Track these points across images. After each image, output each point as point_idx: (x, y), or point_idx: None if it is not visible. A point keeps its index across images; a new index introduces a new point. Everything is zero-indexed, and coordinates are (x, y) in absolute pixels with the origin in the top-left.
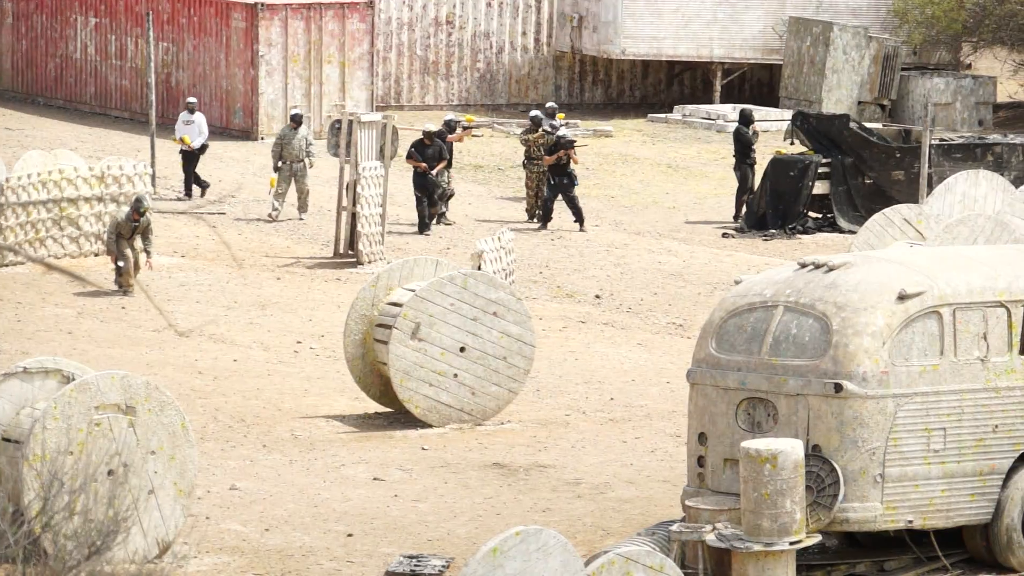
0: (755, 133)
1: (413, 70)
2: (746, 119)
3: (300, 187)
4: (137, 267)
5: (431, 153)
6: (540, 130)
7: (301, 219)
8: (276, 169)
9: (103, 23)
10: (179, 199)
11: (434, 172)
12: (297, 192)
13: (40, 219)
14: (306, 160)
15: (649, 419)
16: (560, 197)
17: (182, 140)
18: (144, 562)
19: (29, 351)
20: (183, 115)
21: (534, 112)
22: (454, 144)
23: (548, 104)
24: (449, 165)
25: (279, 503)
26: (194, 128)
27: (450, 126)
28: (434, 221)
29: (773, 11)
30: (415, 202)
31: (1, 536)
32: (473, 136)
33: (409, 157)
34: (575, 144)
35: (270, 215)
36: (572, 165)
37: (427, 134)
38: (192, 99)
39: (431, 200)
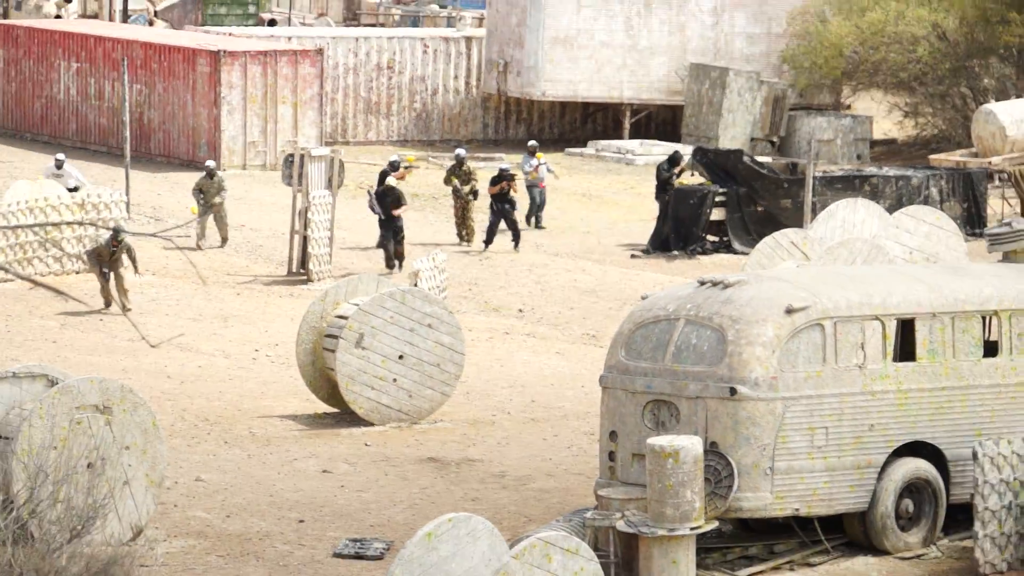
0: (678, 173)
1: (358, 109)
2: (672, 160)
3: (221, 222)
4: (122, 287)
5: (391, 200)
6: (463, 167)
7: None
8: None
9: (84, 67)
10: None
11: (396, 213)
12: (221, 228)
13: (27, 241)
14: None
15: (566, 419)
16: (503, 221)
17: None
18: (119, 545)
19: (18, 358)
20: (51, 168)
21: (458, 151)
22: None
23: (530, 143)
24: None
25: (239, 493)
26: (65, 179)
27: (394, 166)
28: (396, 264)
29: (676, 57)
30: (379, 239)
31: None
32: (412, 172)
33: (372, 206)
34: (515, 177)
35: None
36: (512, 193)
37: (386, 186)
38: (60, 156)
39: (397, 240)
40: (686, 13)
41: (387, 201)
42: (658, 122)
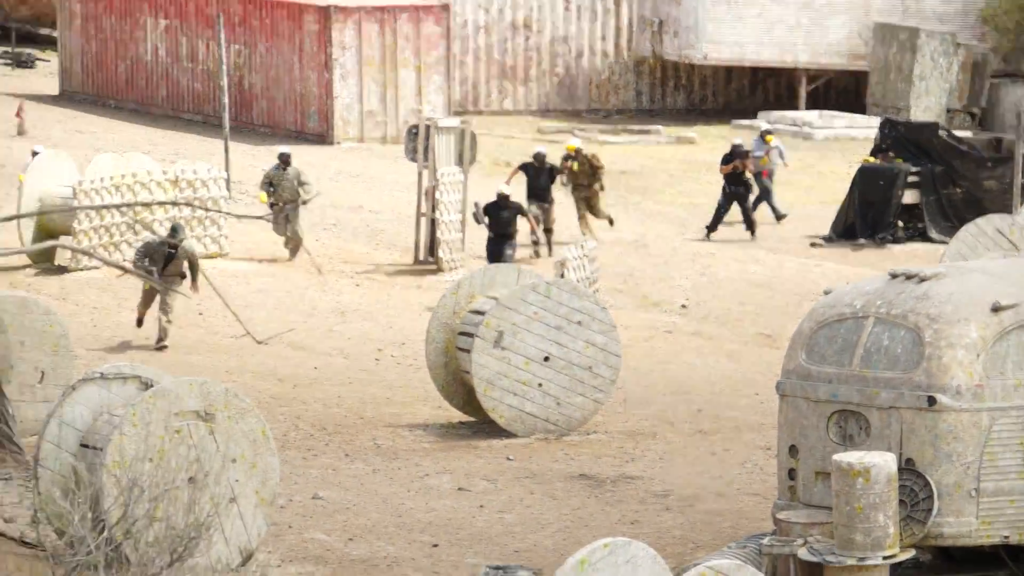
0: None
1: (491, 74)
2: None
3: (292, 230)
4: (167, 306)
5: (506, 216)
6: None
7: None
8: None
9: (174, 25)
10: None
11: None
12: (286, 237)
13: (114, 223)
14: (300, 198)
15: (738, 431)
16: (736, 205)
17: None
18: (227, 570)
19: (106, 357)
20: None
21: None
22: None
23: (764, 126)
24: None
25: (363, 512)
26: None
27: (551, 168)
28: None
29: (858, 17)
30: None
31: (82, 542)
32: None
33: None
34: (749, 154)
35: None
36: (747, 174)
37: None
38: (38, 147)
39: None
40: None
41: (502, 217)
42: (839, 90)
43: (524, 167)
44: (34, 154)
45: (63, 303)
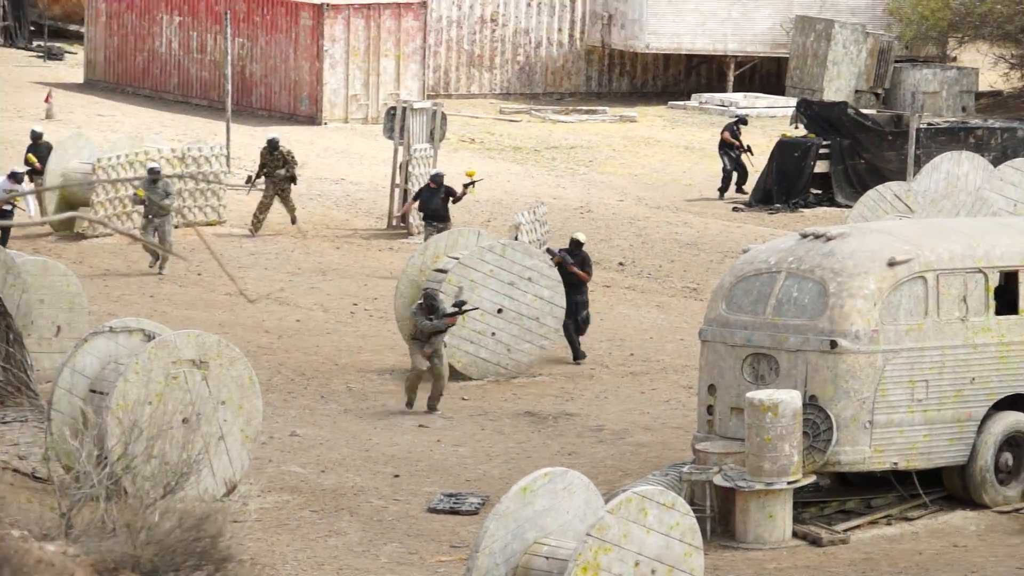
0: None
1: (460, 63)
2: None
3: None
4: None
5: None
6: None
7: (160, 273)
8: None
9: (186, 21)
10: None
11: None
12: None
13: (127, 195)
14: (167, 206)
15: (664, 372)
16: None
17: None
18: (213, 500)
19: (115, 312)
20: (4, 183)
21: (271, 137)
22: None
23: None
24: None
25: (334, 448)
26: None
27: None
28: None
29: (781, 10)
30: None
31: (86, 476)
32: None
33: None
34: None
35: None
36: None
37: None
38: (18, 169)
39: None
40: None
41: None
42: (762, 74)
43: (420, 191)
44: (33, 133)
45: (79, 266)
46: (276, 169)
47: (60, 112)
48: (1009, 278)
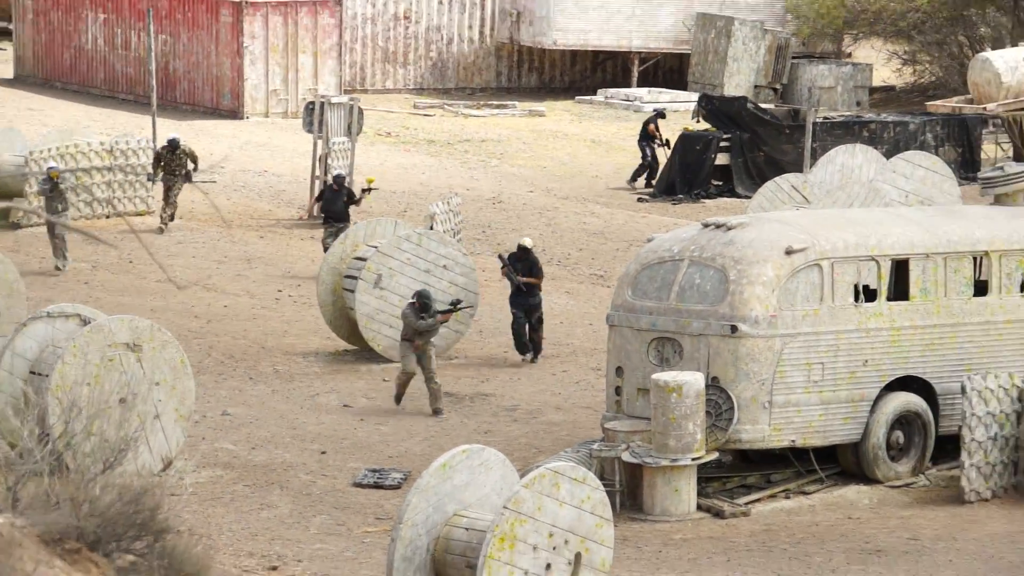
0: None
1: (376, 58)
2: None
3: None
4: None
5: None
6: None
7: (58, 269)
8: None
9: (111, 18)
10: None
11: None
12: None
13: (59, 188)
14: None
15: (575, 355)
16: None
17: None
18: (150, 475)
19: (51, 298)
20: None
21: (171, 136)
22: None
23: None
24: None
25: (263, 426)
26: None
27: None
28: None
29: (683, 7)
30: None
31: (30, 453)
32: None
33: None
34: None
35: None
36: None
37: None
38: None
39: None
40: None
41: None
42: (665, 70)
43: (322, 192)
44: None
45: (16, 254)
46: (178, 167)
47: None
48: (900, 266)
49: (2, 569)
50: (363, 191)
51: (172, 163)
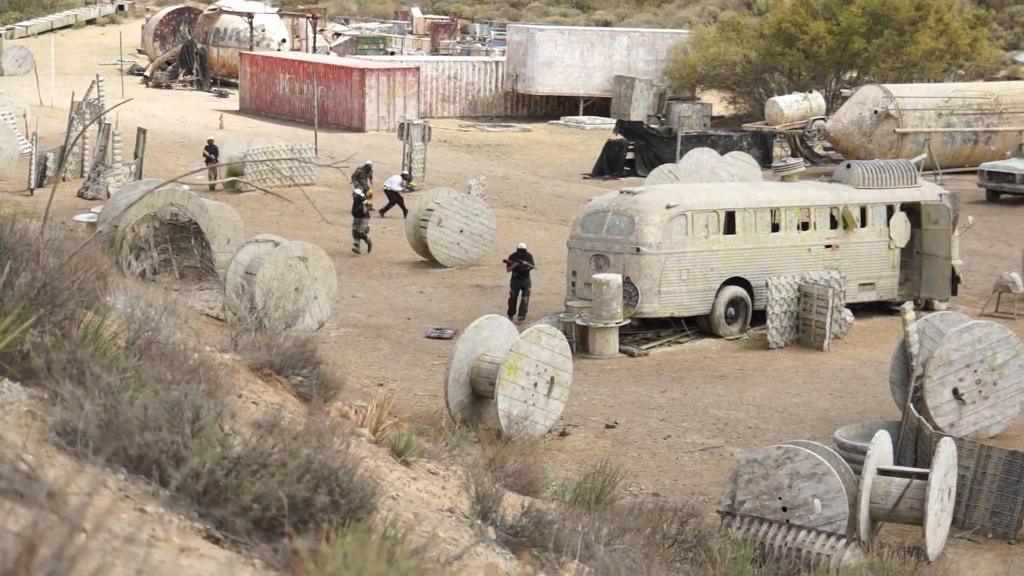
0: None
1: (436, 99)
2: (367, 169)
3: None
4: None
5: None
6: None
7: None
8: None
9: (293, 76)
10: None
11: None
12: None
13: (262, 170)
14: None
15: (549, 264)
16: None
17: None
18: (311, 331)
19: (257, 231)
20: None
21: (367, 162)
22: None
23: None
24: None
25: (375, 303)
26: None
27: (406, 178)
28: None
29: (608, 71)
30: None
31: (244, 319)
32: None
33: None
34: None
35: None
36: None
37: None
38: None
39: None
40: (613, 49)
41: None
42: (598, 106)
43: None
44: (208, 141)
45: (238, 207)
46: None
47: (227, 125)
48: (730, 215)
49: (227, 384)
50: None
51: (364, 178)
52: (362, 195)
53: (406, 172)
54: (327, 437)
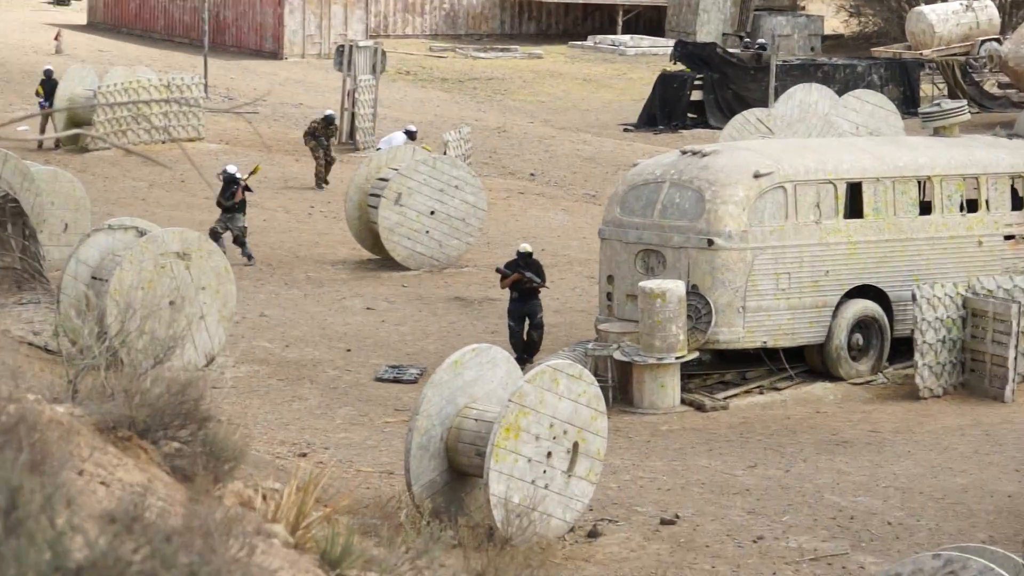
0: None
1: (397, 9)
2: (327, 120)
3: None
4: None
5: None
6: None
7: None
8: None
9: None
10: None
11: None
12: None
13: (122, 116)
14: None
15: (571, 265)
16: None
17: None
18: (195, 370)
19: (113, 212)
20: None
21: (328, 112)
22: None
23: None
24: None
25: (296, 326)
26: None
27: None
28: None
29: None
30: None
31: (89, 350)
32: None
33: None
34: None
35: None
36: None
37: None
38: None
39: (534, 324)
40: None
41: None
42: (646, 20)
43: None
44: (46, 73)
45: (83, 174)
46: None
47: (67, 48)
48: (854, 188)
49: (61, 454)
50: (249, 174)
51: (323, 137)
52: (236, 174)
53: (412, 127)
54: (218, 538)
